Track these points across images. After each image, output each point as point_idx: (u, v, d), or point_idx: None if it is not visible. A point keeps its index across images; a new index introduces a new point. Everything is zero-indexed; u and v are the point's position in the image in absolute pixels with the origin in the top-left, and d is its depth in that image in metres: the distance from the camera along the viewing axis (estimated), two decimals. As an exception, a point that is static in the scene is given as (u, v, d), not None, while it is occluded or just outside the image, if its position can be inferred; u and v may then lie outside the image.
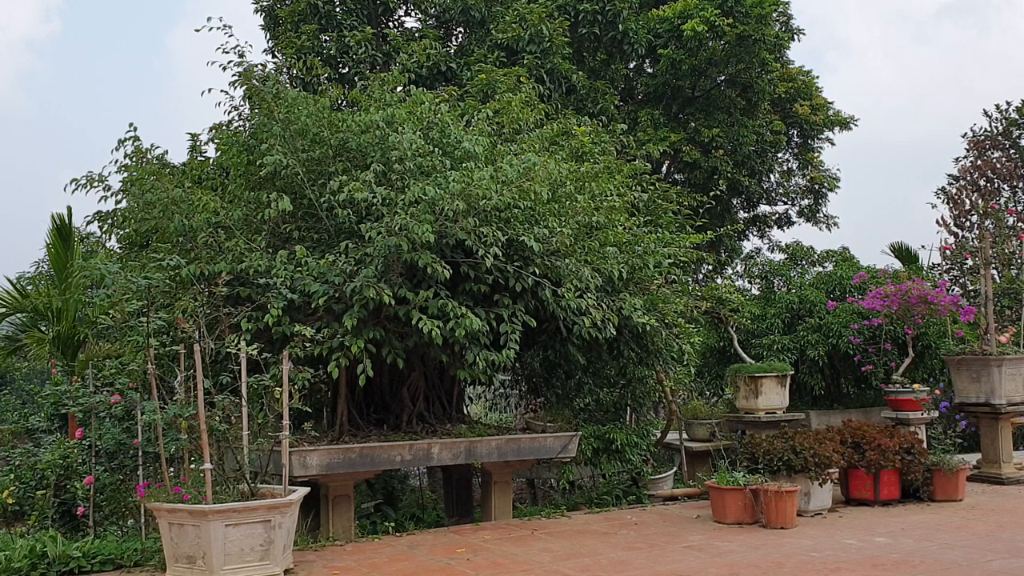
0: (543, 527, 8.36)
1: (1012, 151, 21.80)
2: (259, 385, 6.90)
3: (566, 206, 8.52)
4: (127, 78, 57.93)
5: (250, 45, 8.95)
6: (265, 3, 17.25)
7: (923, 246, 20.06)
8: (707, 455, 11.07)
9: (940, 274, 15.71)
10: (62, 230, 12.26)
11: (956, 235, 18.22)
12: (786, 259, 13.02)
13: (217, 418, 6.58)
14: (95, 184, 8.41)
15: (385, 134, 8.02)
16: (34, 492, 8.08)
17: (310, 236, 8.27)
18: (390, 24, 17.26)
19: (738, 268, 17.53)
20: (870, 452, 8.97)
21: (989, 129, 22.40)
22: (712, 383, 12.77)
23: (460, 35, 17.36)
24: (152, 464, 7.56)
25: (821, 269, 12.63)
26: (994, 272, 11.97)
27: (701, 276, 17.74)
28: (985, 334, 10.64)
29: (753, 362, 10.75)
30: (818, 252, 12.89)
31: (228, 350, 6.87)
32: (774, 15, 17.17)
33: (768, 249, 20.60)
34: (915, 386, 10.30)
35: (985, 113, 22.62)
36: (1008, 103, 22.37)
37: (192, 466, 6.88)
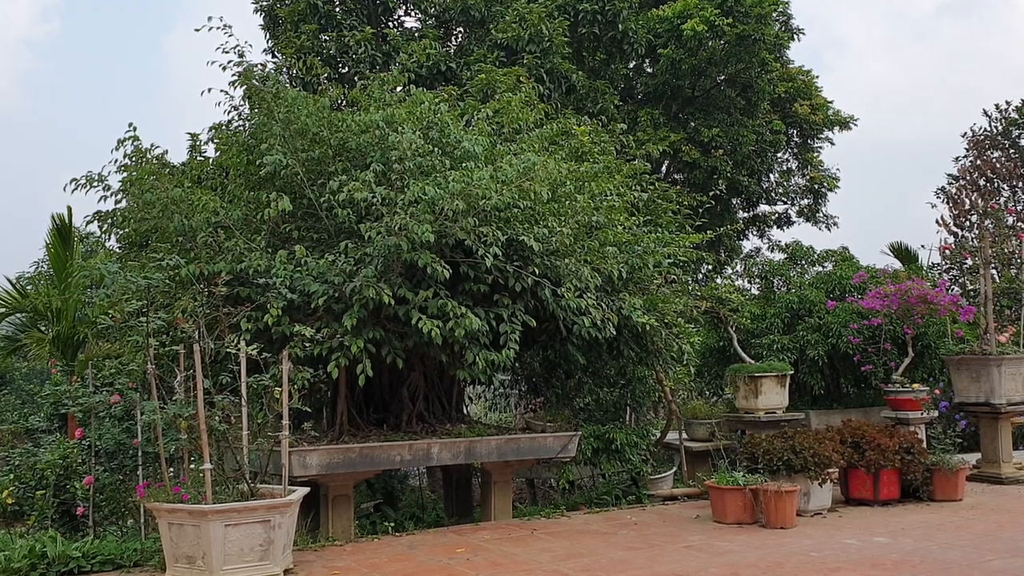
0: (543, 527, 8.37)
1: (1012, 151, 21.80)
2: (259, 385, 6.91)
3: (566, 206, 8.52)
4: (127, 78, 57.88)
5: (250, 45, 8.95)
6: (265, 3, 17.23)
7: (923, 246, 20.08)
8: (707, 455, 11.07)
9: (940, 274, 15.71)
10: (62, 230, 12.25)
11: (956, 235, 18.22)
12: (786, 259, 13.01)
13: (217, 418, 6.58)
14: (95, 184, 8.41)
15: (385, 134, 8.02)
16: (34, 492, 8.08)
17: (310, 236, 8.27)
18: (390, 24, 17.24)
19: (738, 268, 17.50)
20: (870, 452, 8.98)
21: (989, 129, 22.39)
22: (712, 383, 12.77)
23: (460, 35, 17.35)
24: (152, 464, 7.56)
25: (821, 269, 12.62)
26: (993, 272, 11.98)
27: (701, 276, 17.73)
28: (985, 334, 10.65)
29: (753, 362, 10.74)
30: (818, 252, 12.88)
31: (228, 350, 6.87)
32: (774, 15, 17.17)
33: (768, 249, 20.58)
34: (915, 386, 10.30)
35: (985, 113, 22.61)
36: (1008, 103, 22.37)
37: (192, 466, 6.88)
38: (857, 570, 6.44)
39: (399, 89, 10.09)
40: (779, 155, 19.91)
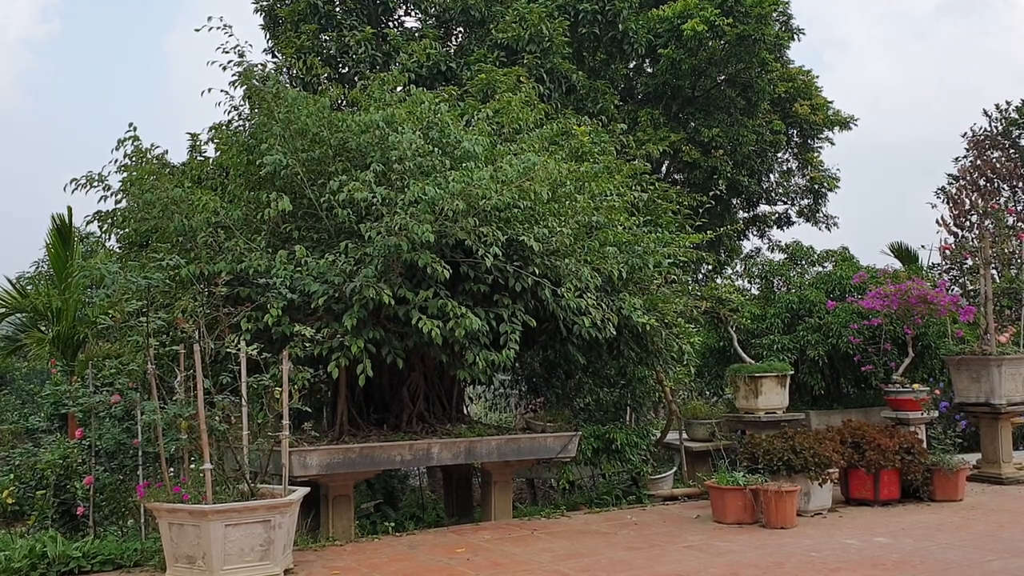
0: (543, 527, 8.37)
1: (1012, 151, 21.80)
2: (259, 385, 6.90)
3: (566, 206, 8.52)
4: (127, 78, 57.86)
5: (250, 45, 8.95)
6: (265, 3, 17.23)
7: (923, 246, 20.04)
8: (707, 455, 11.07)
9: (940, 274, 15.71)
10: (62, 230, 12.25)
11: (956, 235, 18.22)
12: (786, 259, 13.01)
13: (217, 418, 6.58)
14: (95, 184, 8.41)
15: (385, 134, 8.02)
16: (34, 492, 8.08)
17: (310, 236, 8.27)
18: (390, 24, 17.24)
19: (738, 268, 17.51)
20: (870, 452, 8.98)
21: (989, 129, 22.39)
22: (712, 383, 12.77)
23: (460, 35, 17.34)
24: (152, 464, 7.56)
25: (821, 269, 12.63)
26: (994, 272, 11.98)
27: (701, 276, 17.73)
28: (985, 334, 10.65)
29: (753, 362, 10.74)
30: (818, 252, 12.88)
31: (228, 350, 6.87)
32: (774, 15, 17.16)
33: (768, 249, 20.57)
34: (915, 386, 10.30)
35: (985, 113, 22.61)
36: (1008, 103, 22.37)
37: (192, 466, 6.88)
38: (857, 570, 6.44)
39: (399, 89, 10.09)
40: (779, 155, 19.90)
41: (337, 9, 16.23)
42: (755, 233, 21.04)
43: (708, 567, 6.61)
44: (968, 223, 18.44)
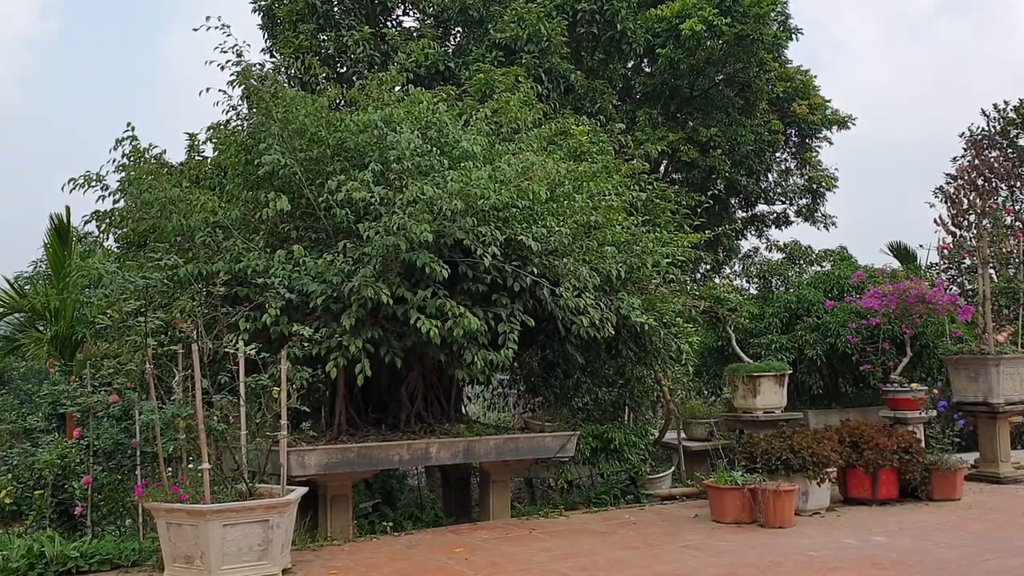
0: (541, 526, 8.37)
1: (1009, 150, 21.84)
2: (257, 385, 6.90)
3: (564, 205, 8.52)
4: (125, 77, 57.80)
5: (248, 45, 8.93)
6: (263, 3, 17.24)
7: (921, 245, 20.04)
8: (705, 454, 11.07)
9: (938, 273, 15.71)
10: (60, 230, 12.24)
11: (954, 234, 18.18)
12: (784, 258, 13.02)
13: (215, 418, 6.58)
14: (93, 183, 8.40)
15: (383, 133, 8.01)
16: (32, 492, 8.08)
17: (308, 236, 8.26)
18: (388, 23, 17.26)
19: (736, 267, 17.54)
20: (868, 451, 8.98)
21: (987, 129, 22.44)
22: (710, 382, 12.77)
23: (458, 34, 17.36)
24: (150, 464, 7.56)
25: (819, 268, 12.64)
26: (992, 271, 11.99)
27: (699, 275, 17.74)
28: (983, 333, 10.66)
29: (751, 361, 10.75)
30: (816, 251, 12.89)
31: (226, 350, 6.86)
32: (772, 14, 17.18)
33: (766, 248, 20.57)
34: (913, 385, 10.31)
35: (983, 113, 22.66)
36: (1006, 103, 22.42)
37: (190, 466, 6.88)
38: (855, 569, 6.44)
39: (397, 89, 10.07)
40: (777, 155, 19.92)
41: (335, 9, 16.24)
42: (753, 233, 21.07)
43: (706, 566, 6.61)
44: (966, 222, 18.43)
